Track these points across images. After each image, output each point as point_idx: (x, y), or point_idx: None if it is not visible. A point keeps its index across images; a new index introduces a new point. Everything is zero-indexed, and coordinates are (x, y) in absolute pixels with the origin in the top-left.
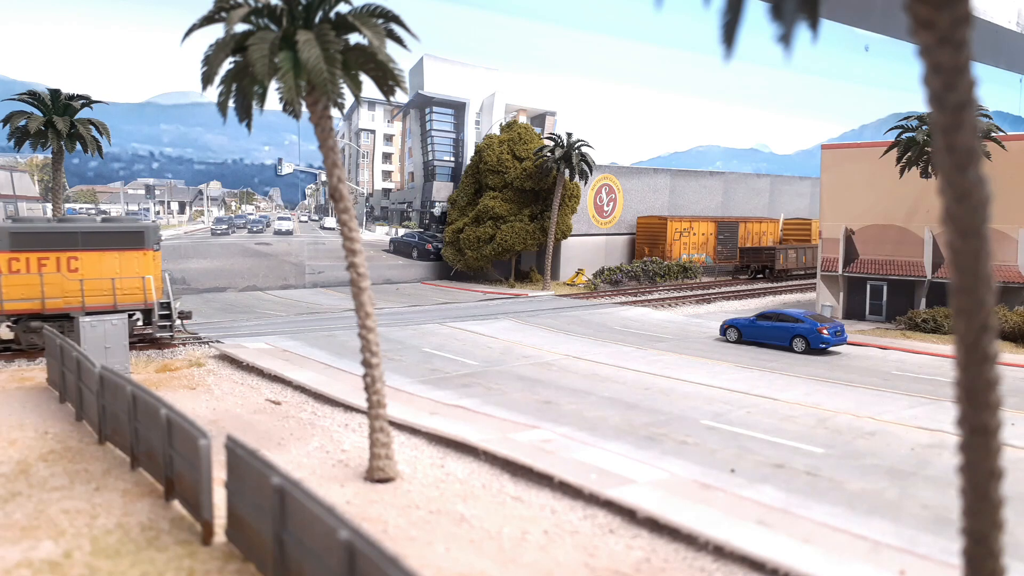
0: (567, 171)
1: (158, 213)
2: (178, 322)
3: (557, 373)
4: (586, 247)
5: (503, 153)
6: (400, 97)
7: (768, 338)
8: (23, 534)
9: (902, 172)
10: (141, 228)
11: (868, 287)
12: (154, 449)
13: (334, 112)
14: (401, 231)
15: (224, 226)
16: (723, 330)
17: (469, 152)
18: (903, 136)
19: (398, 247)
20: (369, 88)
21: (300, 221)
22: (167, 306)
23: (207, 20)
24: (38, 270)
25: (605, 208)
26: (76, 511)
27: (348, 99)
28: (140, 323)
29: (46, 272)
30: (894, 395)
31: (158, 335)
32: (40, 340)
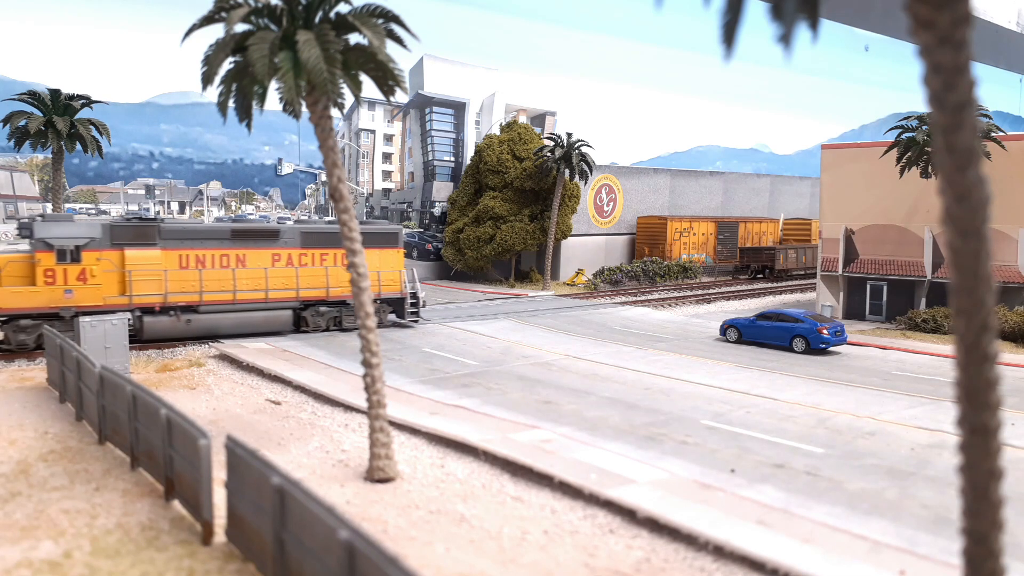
0: (567, 171)
1: (158, 213)
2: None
3: (557, 373)
4: (586, 247)
5: (503, 153)
6: (400, 97)
7: (768, 338)
8: (23, 534)
9: (902, 172)
10: (395, 230)
11: (868, 287)
12: (154, 449)
13: (334, 112)
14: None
15: None
16: (723, 330)
17: (469, 152)
18: (903, 136)
19: None
20: (369, 88)
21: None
22: (415, 295)
23: (207, 20)
24: (321, 264)
25: (605, 208)
26: (76, 511)
27: (348, 99)
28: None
29: (327, 266)
30: (894, 395)
31: (408, 320)
32: (323, 322)
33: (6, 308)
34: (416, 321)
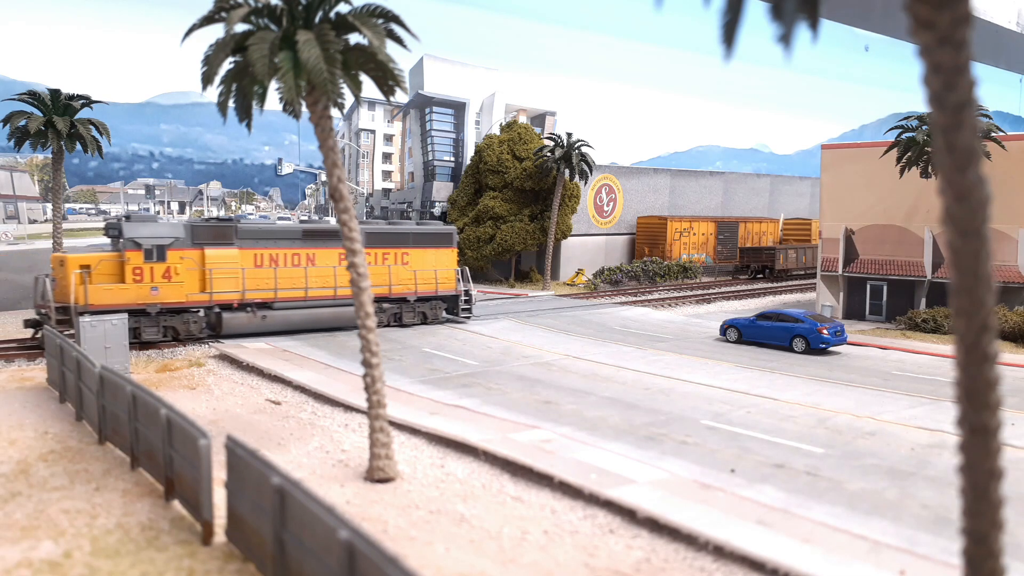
0: (567, 171)
1: (158, 213)
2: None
3: (557, 373)
4: (586, 247)
5: (503, 153)
6: (400, 97)
7: (768, 338)
8: (23, 534)
9: (902, 172)
10: (450, 230)
11: (868, 287)
12: (154, 449)
13: (334, 112)
14: None
15: None
16: (723, 330)
17: (469, 152)
18: (903, 136)
19: None
20: (369, 88)
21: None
22: (467, 293)
23: (207, 20)
24: (383, 263)
25: (605, 208)
26: (76, 511)
27: (348, 99)
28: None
29: (389, 264)
30: (894, 395)
31: (461, 316)
32: (385, 318)
33: (97, 304)
34: (468, 318)
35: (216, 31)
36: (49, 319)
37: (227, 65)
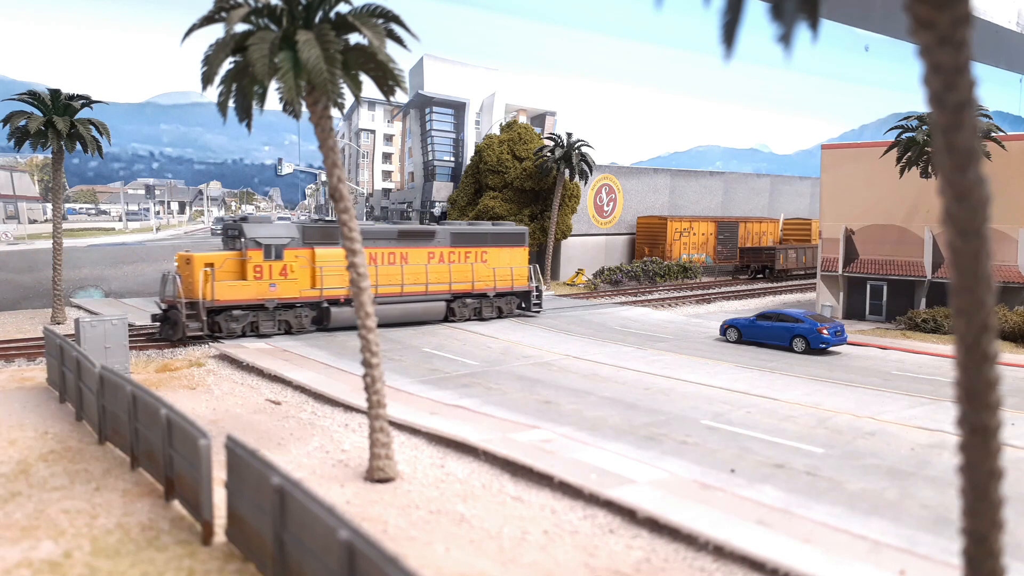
0: (567, 171)
1: (158, 213)
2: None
3: (557, 373)
4: (586, 247)
5: (503, 153)
6: (400, 97)
7: (768, 338)
8: (23, 534)
9: (902, 172)
10: (523, 231)
11: (868, 287)
12: (154, 449)
13: (334, 112)
14: None
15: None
16: (723, 330)
17: (469, 152)
18: (903, 136)
19: None
20: (369, 88)
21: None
22: (537, 289)
23: (207, 20)
24: (466, 260)
25: (605, 208)
26: (76, 511)
27: (348, 99)
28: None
29: (472, 263)
30: (894, 395)
31: (532, 311)
32: (467, 312)
33: (222, 300)
34: (539, 311)
35: (216, 31)
36: (179, 311)
37: (227, 65)
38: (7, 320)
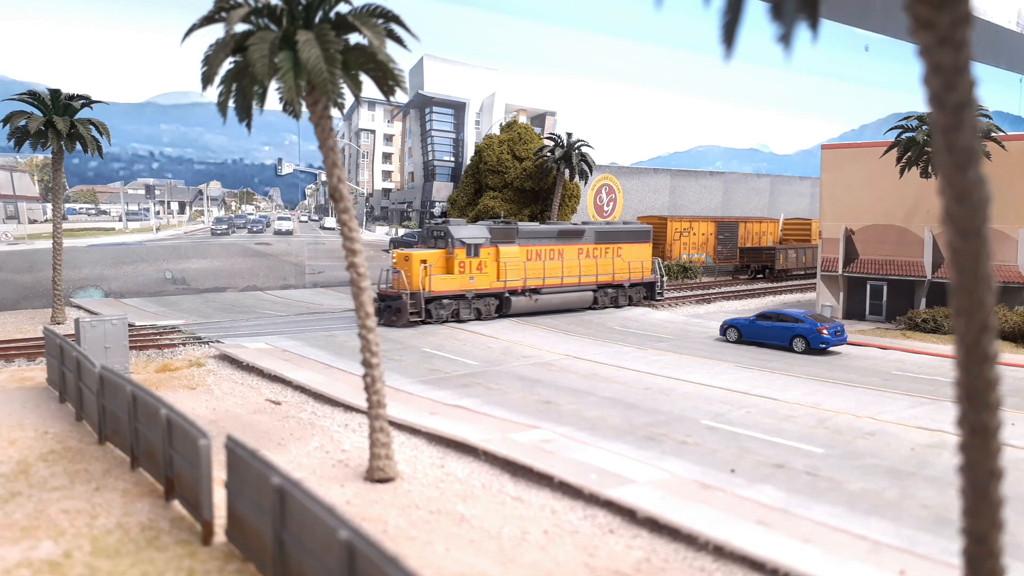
0: (567, 171)
1: (158, 213)
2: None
3: (557, 373)
4: None
5: (503, 153)
6: (400, 97)
7: (768, 338)
8: (23, 534)
9: (902, 172)
10: (647, 228)
11: (868, 287)
12: (154, 449)
13: (334, 112)
14: (401, 231)
15: (224, 226)
16: (723, 330)
17: (469, 152)
18: (903, 136)
19: (398, 247)
20: (369, 88)
21: (300, 221)
22: (661, 281)
23: (207, 20)
24: (606, 256)
25: (605, 208)
26: (76, 511)
27: (348, 99)
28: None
29: (612, 257)
30: (894, 395)
31: (656, 299)
32: (607, 300)
33: (436, 291)
34: (661, 300)
35: (216, 31)
36: (404, 301)
37: (227, 65)
38: (7, 320)
